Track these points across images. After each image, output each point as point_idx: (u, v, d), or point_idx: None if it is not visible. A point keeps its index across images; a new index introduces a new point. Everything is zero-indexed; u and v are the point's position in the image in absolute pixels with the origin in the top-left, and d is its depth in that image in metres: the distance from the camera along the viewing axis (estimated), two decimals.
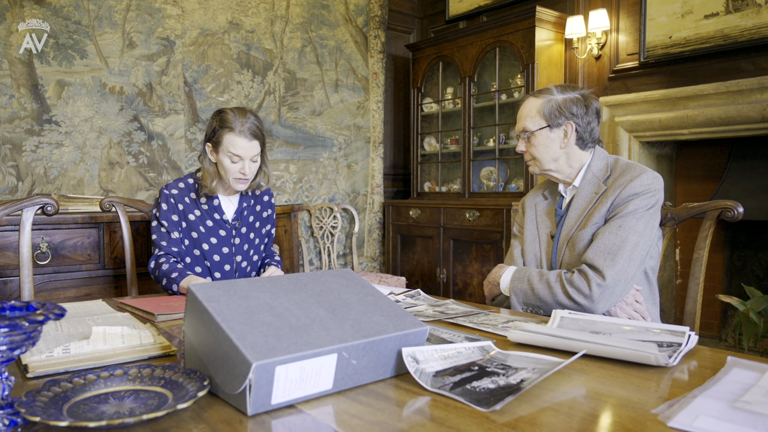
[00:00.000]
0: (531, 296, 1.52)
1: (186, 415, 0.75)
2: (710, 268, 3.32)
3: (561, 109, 1.58)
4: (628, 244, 1.44)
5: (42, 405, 0.72)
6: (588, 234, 1.53)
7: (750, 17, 2.95)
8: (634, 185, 1.49)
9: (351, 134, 4.36)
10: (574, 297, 1.44)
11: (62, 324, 1.20)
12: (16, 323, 0.68)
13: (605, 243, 1.46)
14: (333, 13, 4.21)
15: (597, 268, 1.44)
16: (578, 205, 1.59)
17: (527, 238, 1.71)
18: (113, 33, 3.22)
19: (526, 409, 0.76)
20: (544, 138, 1.61)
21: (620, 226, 1.47)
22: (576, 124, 1.59)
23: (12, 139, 2.94)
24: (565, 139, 1.60)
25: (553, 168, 1.64)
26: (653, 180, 1.51)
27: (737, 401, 0.77)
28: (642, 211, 1.48)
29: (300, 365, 0.77)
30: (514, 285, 1.56)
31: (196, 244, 1.86)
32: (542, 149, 1.62)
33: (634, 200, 1.49)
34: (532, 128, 1.62)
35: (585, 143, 1.62)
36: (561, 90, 1.62)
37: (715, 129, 3.10)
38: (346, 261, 4.36)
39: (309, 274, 1.03)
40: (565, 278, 1.47)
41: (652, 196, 1.50)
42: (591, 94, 1.63)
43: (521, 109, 1.67)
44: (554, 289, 1.47)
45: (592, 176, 1.60)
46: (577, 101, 1.59)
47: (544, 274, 1.52)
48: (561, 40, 3.77)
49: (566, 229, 1.59)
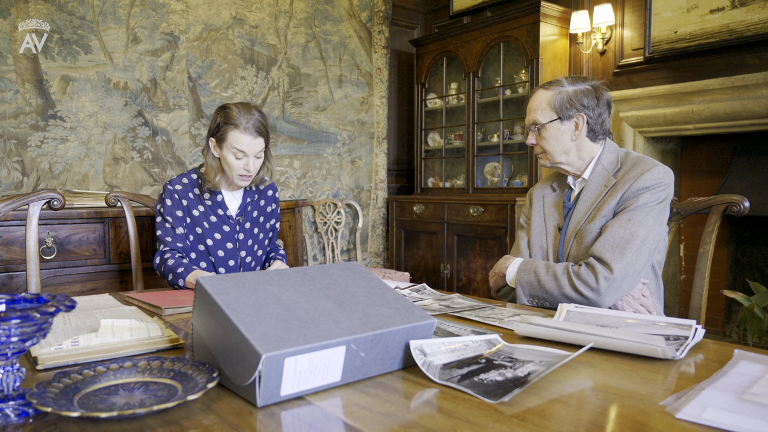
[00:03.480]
0: (537, 288, 1.50)
1: (196, 406, 0.76)
2: (715, 264, 3.31)
3: (572, 101, 1.57)
4: (637, 238, 1.43)
5: (53, 396, 0.73)
6: (596, 227, 1.52)
7: (756, 12, 2.93)
8: (645, 179, 1.48)
9: (355, 130, 4.36)
10: (581, 290, 1.43)
11: (70, 317, 1.20)
12: (28, 315, 0.68)
13: (614, 236, 1.45)
14: (337, 9, 4.20)
15: (605, 261, 1.43)
16: (587, 197, 1.58)
17: (534, 230, 1.70)
18: (117, 28, 3.23)
19: (533, 402, 0.76)
20: (555, 130, 1.59)
21: (629, 220, 1.46)
22: (587, 116, 1.57)
23: (17, 135, 2.95)
24: (576, 131, 1.59)
25: (564, 161, 1.62)
26: (664, 174, 1.50)
27: (745, 393, 0.77)
28: (652, 205, 1.47)
29: (309, 357, 0.78)
30: (520, 276, 1.54)
31: (200, 240, 1.87)
32: (553, 142, 1.60)
33: (645, 194, 1.48)
34: (543, 121, 1.60)
35: (596, 135, 1.60)
36: (571, 81, 1.60)
37: (721, 124, 3.09)
38: (350, 257, 4.36)
39: (316, 267, 1.03)
40: (572, 271, 1.46)
41: (662, 190, 1.49)
42: (602, 85, 1.61)
43: (531, 101, 1.65)
44: (561, 281, 1.46)
45: (602, 169, 1.59)
46: (588, 93, 1.57)
47: (551, 266, 1.50)
48: (566, 35, 3.76)
49: (574, 221, 1.59)
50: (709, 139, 3.38)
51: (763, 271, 3.28)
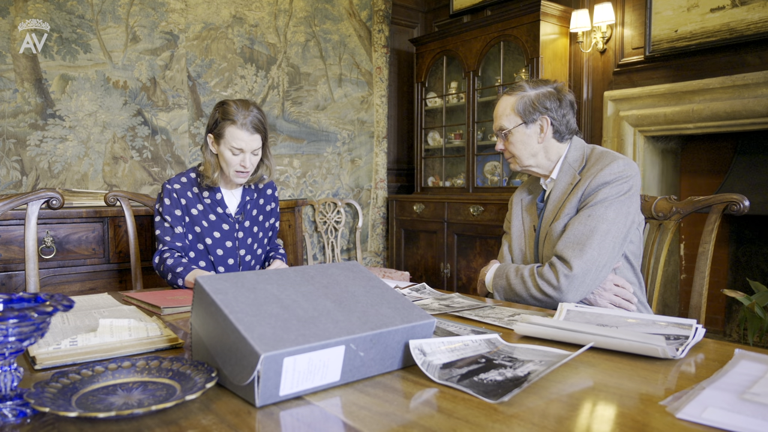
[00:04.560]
0: (509, 292, 1.55)
1: (194, 406, 0.76)
2: (715, 263, 3.31)
3: (534, 105, 1.60)
4: (598, 233, 1.45)
5: (51, 396, 0.73)
6: (560, 225, 1.55)
7: (756, 11, 2.93)
8: (604, 174, 1.50)
9: (355, 129, 4.35)
10: (545, 289, 1.46)
11: (69, 317, 1.20)
12: (25, 314, 0.68)
13: (574, 233, 1.48)
14: (336, 8, 4.20)
15: (565, 259, 1.45)
16: (555, 197, 1.61)
17: (514, 234, 1.73)
18: (117, 27, 3.22)
19: (533, 401, 0.76)
20: (521, 134, 1.62)
21: (589, 216, 1.48)
22: (551, 117, 1.60)
23: (16, 134, 2.95)
24: (542, 133, 1.61)
25: (532, 163, 1.65)
26: (624, 167, 1.50)
27: (745, 393, 0.76)
28: (612, 199, 1.48)
29: (308, 357, 0.77)
30: (495, 282, 1.59)
31: (199, 239, 1.86)
32: (520, 146, 1.63)
33: (604, 189, 1.49)
34: (509, 126, 1.63)
35: (562, 136, 1.63)
36: (533, 85, 1.63)
37: (721, 123, 3.09)
38: (349, 256, 4.36)
39: (316, 266, 1.03)
40: (536, 272, 1.50)
41: (624, 182, 1.49)
42: (563, 86, 1.64)
43: (496, 107, 1.68)
44: (527, 283, 1.50)
45: (568, 167, 1.62)
46: (550, 95, 1.61)
47: (519, 269, 1.54)
48: (566, 34, 3.76)
49: (545, 222, 1.61)
50: (709, 138, 3.38)
51: (763, 270, 3.28)
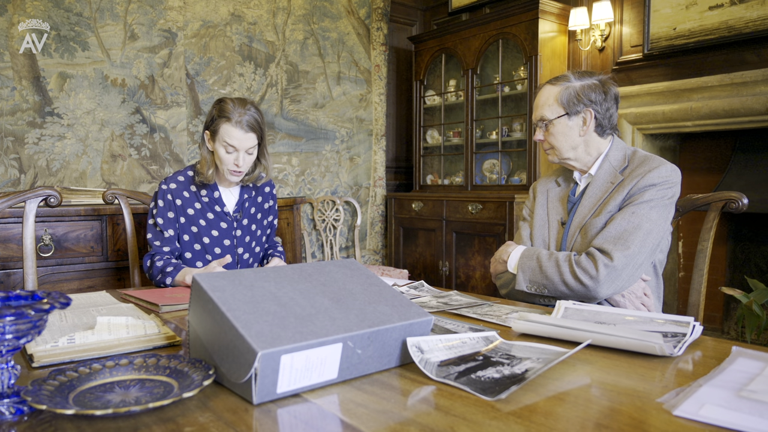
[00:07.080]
0: (538, 273, 1.51)
1: (192, 403, 0.76)
2: (713, 261, 3.32)
3: (579, 96, 1.56)
4: (641, 231, 1.43)
5: (48, 393, 0.73)
6: (601, 222, 1.52)
7: (755, 9, 2.93)
8: (652, 176, 1.48)
9: (353, 127, 4.35)
10: (581, 277, 1.43)
11: (66, 314, 1.20)
12: (22, 312, 0.68)
13: (616, 228, 1.45)
14: (335, 5, 4.19)
15: (606, 251, 1.43)
16: (593, 193, 1.58)
17: (536, 223, 1.70)
18: (115, 25, 3.21)
19: (531, 399, 0.76)
20: (563, 126, 1.59)
21: (633, 213, 1.46)
22: (595, 111, 1.56)
23: (14, 132, 2.94)
24: (584, 126, 1.58)
25: (571, 156, 1.62)
26: (671, 173, 1.49)
27: (742, 390, 0.77)
28: (657, 201, 1.47)
29: (305, 354, 0.77)
30: (522, 262, 1.55)
31: (196, 238, 1.86)
32: (561, 138, 1.60)
33: (650, 190, 1.47)
34: (550, 117, 1.59)
35: (604, 130, 1.60)
36: (579, 76, 1.59)
37: (719, 121, 3.09)
38: (348, 254, 4.36)
39: (313, 264, 1.03)
40: (574, 259, 1.47)
41: (669, 188, 1.48)
42: (609, 79, 1.61)
43: (538, 97, 1.64)
44: (562, 267, 1.46)
45: (609, 166, 1.59)
46: (596, 87, 1.57)
47: (553, 254, 1.51)
48: (564, 32, 3.75)
49: (579, 216, 1.58)
50: (707, 136, 3.38)
51: (761, 268, 3.28)
